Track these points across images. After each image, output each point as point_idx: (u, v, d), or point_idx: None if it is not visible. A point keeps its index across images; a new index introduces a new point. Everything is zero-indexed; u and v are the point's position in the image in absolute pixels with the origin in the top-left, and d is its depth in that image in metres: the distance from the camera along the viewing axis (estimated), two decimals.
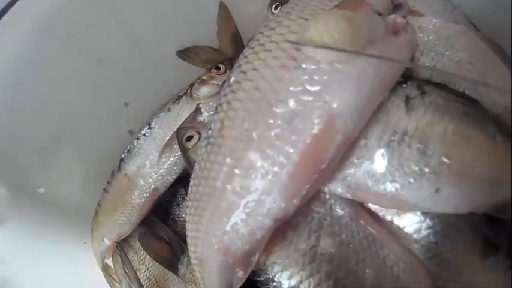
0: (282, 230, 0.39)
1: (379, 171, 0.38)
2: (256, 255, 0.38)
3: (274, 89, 0.35)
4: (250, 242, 0.37)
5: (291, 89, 0.35)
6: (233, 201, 0.36)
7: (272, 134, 0.35)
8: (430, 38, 0.47)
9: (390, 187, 0.38)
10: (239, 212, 0.36)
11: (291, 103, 0.34)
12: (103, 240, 0.63)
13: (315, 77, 0.34)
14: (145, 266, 0.60)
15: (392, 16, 0.40)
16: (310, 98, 0.34)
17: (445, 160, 0.37)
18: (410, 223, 0.41)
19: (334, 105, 0.34)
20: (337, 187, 0.39)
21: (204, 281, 0.42)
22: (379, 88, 0.36)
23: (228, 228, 0.37)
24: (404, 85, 0.40)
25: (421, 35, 0.47)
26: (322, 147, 0.35)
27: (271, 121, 0.35)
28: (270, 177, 0.35)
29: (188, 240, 0.42)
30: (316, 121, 0.34)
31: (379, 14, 0.39)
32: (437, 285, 0.40)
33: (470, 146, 0.38)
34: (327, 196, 0.41)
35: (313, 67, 0.35)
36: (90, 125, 0.60)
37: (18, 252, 0.57)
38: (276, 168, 0.35)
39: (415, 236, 0.41)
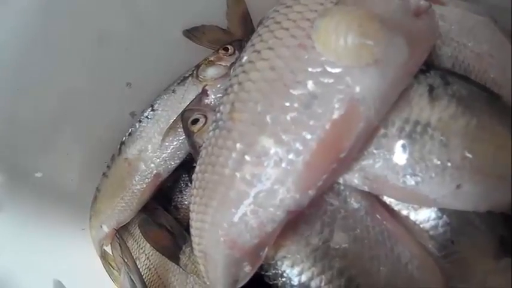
0: (293, 222, 0.37)
1: (399, 163, 0.36)
2: (266, 250, 0.36)
3: (291, 69, 0.33)
4: (260, 235, 0.35)
5: (310, 69, 0.32)
6: (243, 191, 0.34)
7: (288, 118, 0.33)
8: (453, 27, 0.47)
9: (410, 180, 0.37)
10: (249, 202, 0.34)
11: (310, 85, 0.32)
12: (101, 227, 0.62)
13: None
14: (145, 254, 0.59)
15: None
16: (331, 81, 0.32)
17: (468, 155, 0.36)
18: (427, 219, 0.40)
19: (357, 90, 0.31)
20: (353, 178, 0.38)
21: (208, 275, 0.40)
22: (404, 74, 0.34)
23: (236, 219, 0.35)
24: (428, 73, 0.39)
25: (443, 23, 0.46)
26: (342, 135, 0.32)
27: (287, 104, 0.33)
28: (284, 165, 0.33)
29: (192, 231, 0.40)
30: (336, 105, 0.31)
31: None
32: (450, 284, 0.39)
33: (492, 142, 0.37)
34: (342, 187, 0.39)
35: None
36: (90, 106, 0.59)
37: (14, 238, 0.56)
38: (291, 156, 0.33)
39: (431, 232, 0.40)
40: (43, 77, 0.53)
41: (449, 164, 0.36)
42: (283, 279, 0.39)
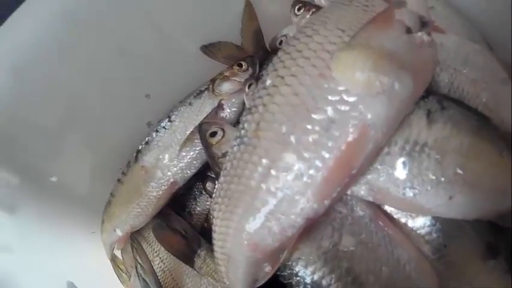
0: (307, 228, 0.40)
1: (400, 177, 0.40)
2: (285, 252, 0.39)
3: (313, 96, 0.37)
4: (281, 239, 0.38)
5: (330, 97, 0.36)
6: (267, 200, 0.38)
7: (310, 139, 0.36)
8: (450, 55, 0.49)
9: (409, 192, 0.40)
10: (272, 211, 0.38)
11: (329, 111, 0.36)
12: (115, 231, 0.63)
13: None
14: (160, 258, 0.60)
15: (419, 33, 0.40)
16: (347, 108, 0.36)
17: (459, 171, 0.39)
18: (423, 226, 0.44)
19: (369, 116, 0.35)
20: (360, 190, 0.41)
21: (228, 275, 0.43)
22: (408, 102, 0.38)
23: (259, 225, 0.39)
24: (426, 99, 0.42)
25: (442, 51, 0.48)
26: (354, 154, 0.36)
27: (309, 126, 0.36)
28: (305, 179, 0.37)
29: (215, 235, 0.43)
30: (351, 130, 0.35)
31: (409, 29, 0.40)
32: (443, 283, 0.42)
33: (482, 159, 0.40)
34: (349, 197, 0.43)
35: None
36: (107, 114, 0.61)
37: (27, 240, 0.56)
38: (311, 171, 0.36)
39: (426, 237, 0.44)
40: (64, 85, 0.54)
41: (442, 179, 0.39)
42: (298, 278, 0.42)
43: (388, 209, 0.44)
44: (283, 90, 0.38)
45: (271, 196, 0.38)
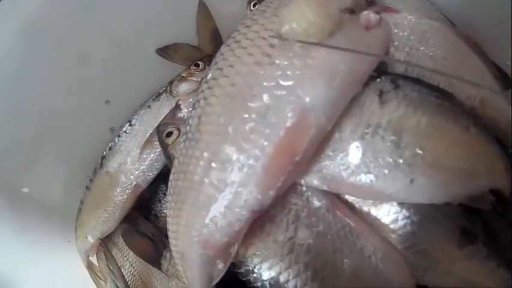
0: (260, 222, 0.40)
1: (354, 163, 0.39)
2: (235, 247, 0.39)
3: (248, 84, 0.37)
4: (229, 233, 0.38)
5: (265, 84, 0.36)
6: (211, 194, 0.38)
7: (247, 128, 0.36)
8: (405, 33, 0.48)
9: (365, 178, 0.39)
10: (217, 205, 0.38)
11: (265, 98, 0.36)
12: (87, 238, 0.64)
13: (288, 72, 0.36)
14: (129, 262, 0.60)
15: (365, 12, 0.40)
16: (284, 93, 0.35)
17: (419, 151, 0.38)
18: (387, 213, 0.42)
19: (307, 100, 0.35)
20: (313, 179, 0.41)
21: (186, 274, 0.43)
22: (351, 83, 0.38)
23: (207, 221, 0.38)
24: (378, 79, 0.41)
25: (396, 30, 0.48)
26: (295, 140, 0.36)
27: (246, 115, 0.36)
28: (245, 169, 0.36)
29: (169, 234, 0.43)
30: (289, 115, 0.35)
31: (352, 11, 0.40)
32: (416, 274, 0.41)
33: (444, 138, 0.39)
34: (304, 188, 0.42)
35: (286, 63, 0.36)
36: (71, 123, 0.61)
37: (2, 251, 0.57)
38: (251, 161, 0.36)
39: (392, 226, 0.42)
40: (28, 97, 0.55)
41: (400, 161, 0.38)
42: (255, 275, 0.41)
43: (349, 198, 0.43)
44: (221, 82, 0.39)
45: (215, 190, 0.37)
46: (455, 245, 0.42)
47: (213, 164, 0.37)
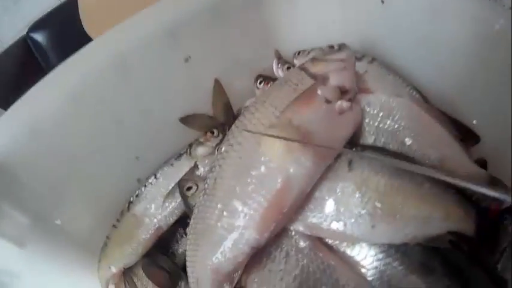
0: (258, 256, 0.49)
1: (329, 214, 0.48)
2: (239, 273, 0.48)
3: (251, 158, 0.48)
4: (234, 263, 0.48)
5: (262, 159, 0.48)
6: (222, 235, 0.48)
7: (249, 188, 0.47)
8: (375, 111, 0.53)
9: (337, 225, 0.47)
10: (226, 242, 0.48)
11: (262, 169, 0.47)
12: (110, 268, 0.67)
13: None
14: None
15: (339, 102, 0.50)
16: (275, 166, 0.47)
17: (378, 204, 0.46)
18: (358, 252, 0.49)
19: (291, 170, 0.47)
20: (299, 226, 0.49)
21: None
22: (322, 162, 0.48)
23: (218, 254, 0.48)
24: (349, 152, 0.49)
25: (368, 109, 0.53)
26: (283, 198, 0.47)
27: (248, 180, 0.48)
28: (247, 218, 0.47)
29: (187, 263, 0.53)
30: (279, 180, 0.47)
31: (329, 102, 0.49)
32: None
33: (400, 193, 0.46)
34: (293, 232, 0.50)
35: None
36: (106, 172, 0.67)
37: (35, 271, 0.60)
38: (252, 212, 0.47)
39: (362, 262, 0.49)
40: (72, 148, 0.61)
41: (363, 212, 0.46)
42: None
43: (328, 240, 0.50)
44: (232, 155, 0.51)
45: (225, 231, 0.48)
46: (418, 277, 0.46)
47: (225, 213, 0.48)
